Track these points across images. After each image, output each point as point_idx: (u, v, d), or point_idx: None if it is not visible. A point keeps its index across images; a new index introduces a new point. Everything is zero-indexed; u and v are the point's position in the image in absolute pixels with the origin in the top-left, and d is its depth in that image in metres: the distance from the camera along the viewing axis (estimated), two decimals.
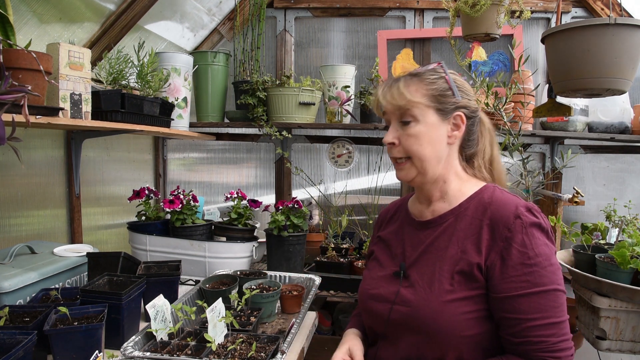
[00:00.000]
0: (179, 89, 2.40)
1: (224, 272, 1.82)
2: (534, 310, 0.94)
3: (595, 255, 1.65)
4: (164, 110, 2.18)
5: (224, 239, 2.15)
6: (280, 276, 1.87)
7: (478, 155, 1.17)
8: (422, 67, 1.13)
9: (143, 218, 2.19)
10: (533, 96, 2.52)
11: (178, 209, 2.08)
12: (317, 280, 1.82)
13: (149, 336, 1.31)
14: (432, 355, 1.02)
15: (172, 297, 1.58)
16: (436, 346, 1.01)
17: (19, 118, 1.20)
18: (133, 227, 2.12)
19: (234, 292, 1.60)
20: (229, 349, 1.24)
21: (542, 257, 0.96)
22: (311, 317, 1.66)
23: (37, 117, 1.36)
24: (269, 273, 1.86)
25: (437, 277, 1.03)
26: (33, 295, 1.43)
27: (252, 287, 1.65)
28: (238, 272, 1.82)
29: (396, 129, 1.10)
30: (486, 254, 0.99)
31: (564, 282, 1.00)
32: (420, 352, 1.04)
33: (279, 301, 1.68)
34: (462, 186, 1.12)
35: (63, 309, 1.21)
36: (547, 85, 2.13)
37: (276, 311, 1.66)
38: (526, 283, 0.95)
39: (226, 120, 2.72)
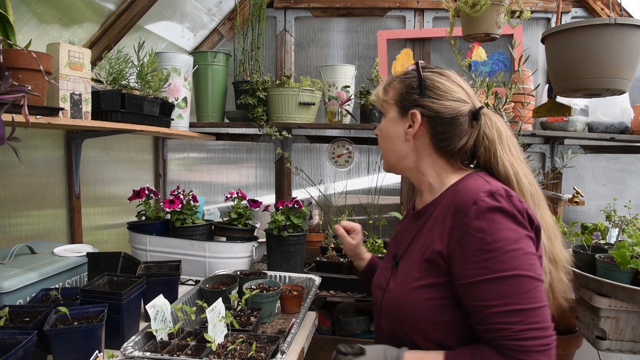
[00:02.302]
0: (179, 89, 2.40)
1: (224, 272, 1.82)
2: (494, 296, 0.91)
3: (595, 255, 1.65)
4: (164, 110, 2.18)
5: (224, 239, 2.15)
6: (280, 276, 1.87)
7: (461, 152, 1.13)
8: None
9: (143, 218, 2.19)
10: (533, 96, 2.52)
11: (178, 209, 2.08)
12: (317, 280, 1.82)
13: (149, 336, 1.31)
14: (407, 340, 1.06)
15: (172, 297, 1.58)
16: (407, 330, 1.05)
17: (19, 118, 1.20)
18: (133, 227, 2.12)
19: (234, 292, 1.60)
20: (229, 349, 1.24)
21: (503, 242, 0.92)
22: (311, 317, 1.66)
23: (37, 117, 1.36)
24: (269, 273, 1.86)
25: (410, 266, 1.08)
26: (33, 295, 1.43)
27: (252, 287, 1.65)
28: (238, 272, 1.82)
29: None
30: (447, 241, 0.99)
31: None
32: (397, 337, 1.08)
33: (279, 301, 1.68)
34: (445, 178, 1.12)
35: (63, 309, 1.21)
36: (547, 85, 2.13)
37: (276, 311, 1.66)
38: (485, 269, 0.92)
39: (226, 120, 2.72)
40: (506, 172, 1.08)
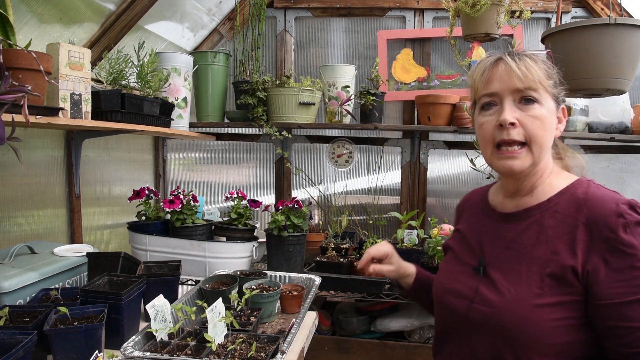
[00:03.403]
0: (179, 89, 2.40)
1: (224, 272, 1.82)
2: None
3: None
4: (164, 110, 2.18)
5: (224, 239, 2.15)
6: (280, 276, 1.87)
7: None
8: (528, 51, 1.05)
9: (143, 218, 2.19)
10: None
11: (178, 209, 2.08)
12: (317, 280, 1.82)
13: (149, 336, 1.31)
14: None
15: (172, 297, 1.58)
16: (519, 352, 0.94)
17: (19, 118, 1.20)
18: (133, 227, 2.12)
19: (234, 292, 1.60)
20: (229, 349, 1.24)
21: None
22: (311, 317, 1.66)
23: (37, 117, 1.36)
24: (269, 273, 1.86)
25: (525, 279, 0.96)
26: (33, 295, 1.43)
27: (252, 287, 1.65)
28: (238, 272, 1.82)
29: (513, 109, 0.99)
30: (584, 257, 0.91)
31: None
32: (501, 355, 0.97)
33: (279, 301, 1.68)
34: (553, 180, 1.04)
35: (63, 309, 1.21)
36: None
37: (276, 311, 1.66)
38: (638, 288, 0.86)
39: (226, 120, 2.72)
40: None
